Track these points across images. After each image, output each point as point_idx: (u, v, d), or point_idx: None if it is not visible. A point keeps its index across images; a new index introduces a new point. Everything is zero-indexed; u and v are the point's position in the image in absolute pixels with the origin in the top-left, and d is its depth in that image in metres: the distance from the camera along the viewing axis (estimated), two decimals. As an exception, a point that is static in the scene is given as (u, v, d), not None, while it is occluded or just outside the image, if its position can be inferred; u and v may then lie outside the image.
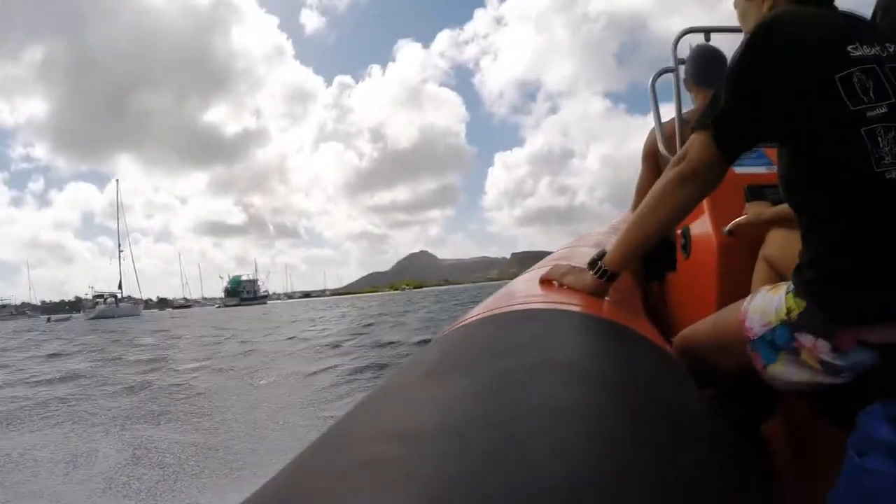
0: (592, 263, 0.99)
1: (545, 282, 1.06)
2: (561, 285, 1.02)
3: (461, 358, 0.65)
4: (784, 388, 0.90)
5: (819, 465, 0.99)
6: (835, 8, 0.91)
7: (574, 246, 1.97)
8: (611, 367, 0.63)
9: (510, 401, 0.47)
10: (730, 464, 0.52)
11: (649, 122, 1.82)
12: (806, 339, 0.81)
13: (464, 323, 0.90)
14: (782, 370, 0.85)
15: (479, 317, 0.88)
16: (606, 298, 0.98)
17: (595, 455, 0.39)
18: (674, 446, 0.46)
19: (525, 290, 1.06)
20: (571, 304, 0.88)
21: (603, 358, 0.66)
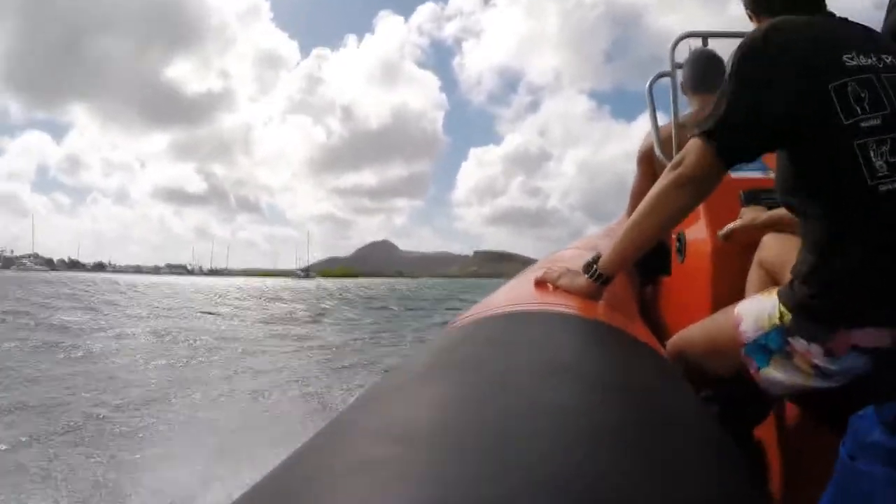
0: (587, 266, 0.99)
1: (540, 284, 1.06)
2: (556, 287, 1.02)
3: (457, 359, 0.65)
4: (777, 392, 0.91)
5: (811, 468, 1.00)
6: (832, 15, 0.92)
7: (569, 249, 1.97)
8: (606, 369, 0.63)
9: (506, 401, 0.48)
10: (723, 465, 0.52)
11: (634, 131, 1.86)
12: (799, 344, 0.82)
13: (459, 324, 0.90)
14: (775, 374, 0.86)
15: (474, 318, 0.88)
16: (601, 301, 0.99)
17: (590, 455, 0.39)
18: (668, 447, 0.46)
19: (520, 292, 1.06)
20: (566, 306, 0.89)
21: (598, 360, 0.67)
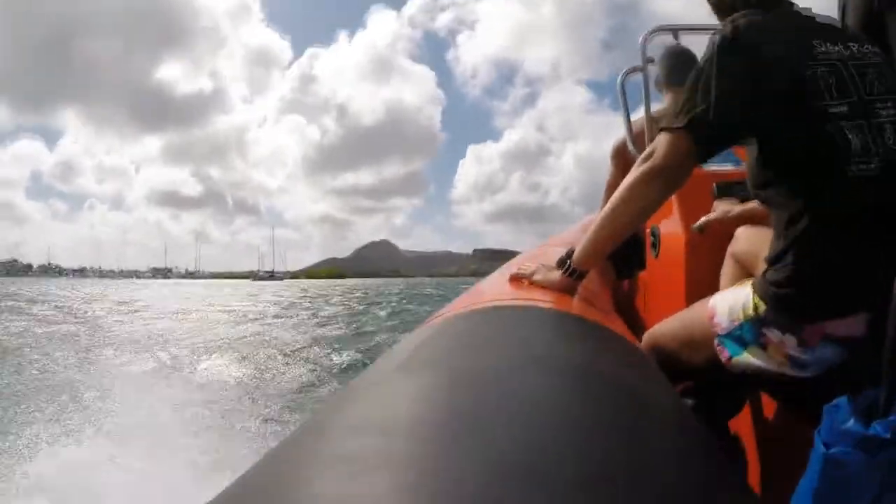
0: (561, 262, 0.99)
1: (515, 279, 1.05)
2: (531, 283, 1.01)
3: (435, 353, 0.65)
4: (750, 380, 0.90)
5: (786, 458, 0.99)
6: (796, 7, 0.92)
7: (545, 245, 1.98)
8: (581, 361, 0.63)
9: (482, 393, 0.48)
10: (699, 456, 0.52)
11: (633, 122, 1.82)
12: (773, 335, 0.82)
13: (437, 319, 0.90)
14: (748, 362, 0.85)
15: (451, 314, 0.88)
16: (576, 296, 0.98)
17: (566, 444, 0.39)
18: (644, 438, 0.46)
19: (495, 288, 1.06)
20: (542, 300, 0.88)
21: (574, 352, 0.67)
